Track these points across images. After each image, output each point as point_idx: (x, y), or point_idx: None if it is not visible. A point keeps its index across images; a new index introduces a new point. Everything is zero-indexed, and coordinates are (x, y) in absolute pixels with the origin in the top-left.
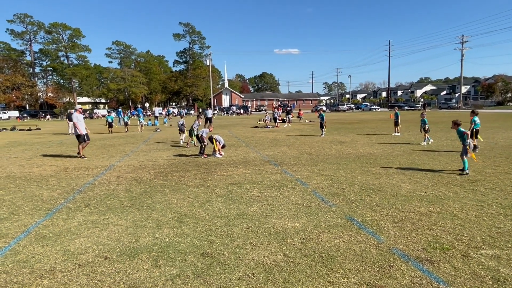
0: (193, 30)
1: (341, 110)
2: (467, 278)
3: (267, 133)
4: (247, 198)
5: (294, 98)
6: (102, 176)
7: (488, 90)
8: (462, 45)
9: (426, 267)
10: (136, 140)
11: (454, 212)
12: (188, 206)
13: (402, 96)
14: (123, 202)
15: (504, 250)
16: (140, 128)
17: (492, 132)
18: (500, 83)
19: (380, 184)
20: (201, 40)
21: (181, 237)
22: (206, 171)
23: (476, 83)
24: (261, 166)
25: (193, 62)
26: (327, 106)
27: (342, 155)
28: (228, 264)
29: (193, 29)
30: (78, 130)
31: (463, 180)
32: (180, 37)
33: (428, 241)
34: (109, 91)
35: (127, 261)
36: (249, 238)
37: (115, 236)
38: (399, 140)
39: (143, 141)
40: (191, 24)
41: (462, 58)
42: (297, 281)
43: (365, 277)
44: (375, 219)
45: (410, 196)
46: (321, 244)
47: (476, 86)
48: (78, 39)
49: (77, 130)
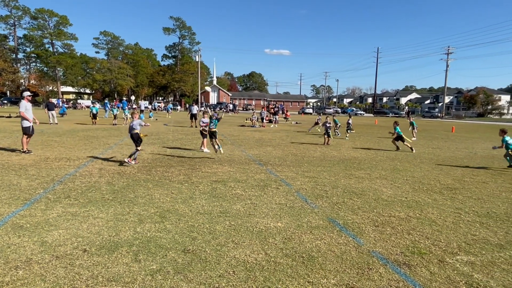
0: (184, 25)
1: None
2: (442, 282)
3: (254, 132)
4: (231, 196)
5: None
6: (83, 168)
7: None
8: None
9: (403, 270)
10: (120, 133)
11: (433, 218)
12: (171, 202)
13: (388, 102)
14: (104, 195)
15: (479, 256)
16: (125, 121)
17: (472, 142)
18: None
19: (363, 188)
20: (191, 36)
21: (162, 232)
22: (190, 168)
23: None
24: (246, 165)
25: (182, 57)
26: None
27: (327, 158)
28: (209, 261)
29: (183, 24)
30: (26, 121)
31: (442, 188)
32: (170, 31)
33: (407, 245)
34: (95, 82)
35: (107, 255)
36: (231, 236)
37: (95, 229)
38: (382, 146)
39: (128, 134)
40: (181, 19)
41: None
42: (278, 280)
43: (344, 278)
44: (356, 222)
45: (391, 201)
46: (303, 245)
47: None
48: (65, 27)
49: (25, 121)
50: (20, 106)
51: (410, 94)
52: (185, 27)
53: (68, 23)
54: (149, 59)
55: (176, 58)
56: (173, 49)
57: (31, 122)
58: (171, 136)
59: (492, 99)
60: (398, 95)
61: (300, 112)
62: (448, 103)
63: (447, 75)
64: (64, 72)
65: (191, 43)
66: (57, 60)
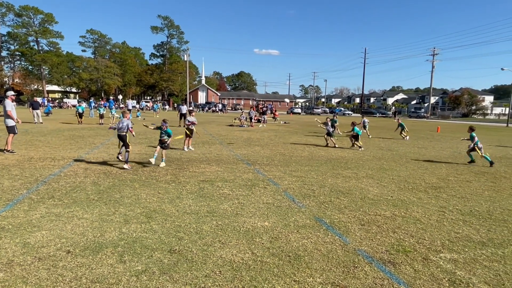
0: (172, 23)
1: (316, 113)
2: (426, 280)
3: (242, 132)
4: (218, 196)
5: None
6: (68, 168)
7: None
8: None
9: (388, 268)
10: (107, 132)
11: (417, 216)
12: (157, 202)
13: (375, 103)
14: (89, 195)
15: (461, 254)
16: (112, 120)
17: (456, 142)
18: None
19: (349, 187)
20: (179, 35)
21: (148, 232)
22: (178, 167)
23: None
24: (234, 164)
25: (170, 57)
26: (302, 109)
27: (314, 158)
28: (195, 261)
29: (171, 23)
30: (11, 120)
31: (427, 187)
32: (158, 30)
33: (392, 243)
34: (81, 81)
35: (91, 256)
36: (218, 235)
37: (80, 229)
38: (369, 145)
39: (115, 134)
40: (170, 18)
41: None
42: (264, 279)
43: (330, 277)
44: (343, 221)
45: (377, 200)
46: (289, 244)
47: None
48: (50, 24)
49: (10, 120)
50: (6, 105)
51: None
52: (173, 26)
53: (54, 20)
54: (136, 58)
55: (164, 57)
56: (161, 48)
57: (15, 122)
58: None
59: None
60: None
61: (288, 112)
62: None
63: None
64: (49, 70)
65: (179, 42)
66: (42, 58)
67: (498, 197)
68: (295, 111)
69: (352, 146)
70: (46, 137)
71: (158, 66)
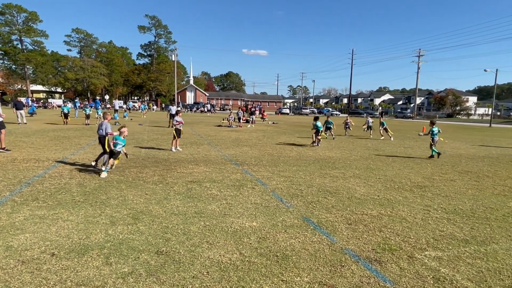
0: (159, 23)
1: (304, 114)
2: (411, 277)
3: (230, 132)
4: (206, 197)
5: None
6: (53, 169)
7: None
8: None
9: (374, 267)
10: (93, 133)
11: (403, 215)
12: (144, 203)
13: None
14: (75, 197)
15: (446, 252)
16: (99, 121)
17: (441, 142)
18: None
19: (337, 186)
20: (167, 34)
21: (135, 234)
22: (165, 168)
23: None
24: (222, 165)
25: (158, 56)
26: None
27: (302, 158)
28: (183, 262)
29: (159, 23)
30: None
31: (412, 186)
32: (145, 29)
33: (378, 242)
34: (66, 81)
35: (76, 258)
36: (206, 236)
37: (64, 232)
38: (356, 145)
39: None
40: (157, 17)
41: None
42: (252, 279)
43: (318, 276)
44: (330, 220)
45: (364, 199)
46: (277, 244)
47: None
48: (35, 23)
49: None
50: None
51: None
52: (161, 25)
53: (38, 19)
54: (123, 58)
55: (152, 57)
56: (148, 48)
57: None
58: (146, 136)
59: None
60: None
61: (277, 112)
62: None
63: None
64: (34, 70)
65: (167, 42)
66: (26, 57)
67: (481, 195)
68: (284, 111)
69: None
70: (30, 138)
71: (145, 66)
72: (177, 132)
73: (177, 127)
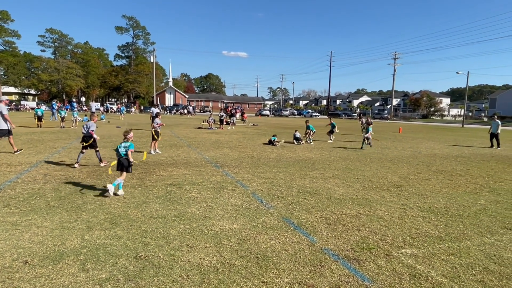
0: (137, 24)
1: (284, 115)
2: (388, 275)
3: (211, 134)
4: (186, 199)
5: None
6: (26, 174)
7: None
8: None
9: (353, 265)
10: (68, 136)
11: (381, 214)
12: (122, 207)
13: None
14: (49, 202)
15: (421, 249)
16: (74, 123)
17: (416, 142)
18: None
19: (316, 187)
20: (145, 36)
21: (113, 239)
22: (144, 171)
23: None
24: (202, 167)
25: (136, 58)
26: (270, 111)
27: (283, 159)
28: (162, 266)
29: (137, 23)
30: (8, 123)
31: (390, 185)
32: (123, 30)
33: (357, 241)
34: (40, 82)
35: (51, 266)
36: (186, 239)
37: (38, 238)
38: (336, 146)
39: (77, 137)
40: (135, 18)
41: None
42: (232, 282)
43: (298, 276)
44: (310, 220)
45: (343, 199)
46: (258, 245)
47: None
48: (6, 22)
49: (8, 123)
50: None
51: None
52: (139, 26)
53: (9, 18)
54: (100, 59)
55: (130, 59)
56: (126, 49)
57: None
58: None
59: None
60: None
61: (257, 114)
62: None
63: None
64: (5, 71)
65: (145, 43)
66: None
67: (454, 193)
68: (264, 113)
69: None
70: (1, 142)
71: (123, 68)
72: (156, 134)
73: (157, 129)
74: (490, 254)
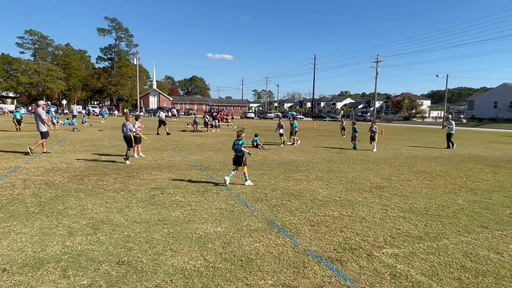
0: (120, 26)
1: (269, 118)
2: (370, 275)
3: (195, 137)
4: (170, 203)
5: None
6: (5, 179)
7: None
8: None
9: (336, 266)
10: (49, 140)
11: (363, 215)
12: (105, 212)
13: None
14: (29, 208)
15: (402, 248)
16: (54, 127)
17: (398, 144)
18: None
19: (300, 189)
20: (128, 38)
21: (95, 244)
22: (127, 175)
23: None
24: (187, 170)
25: (119, 60)
26: (255, 114)
27: (267, 161)
28: (145, 271)
29: (120, 25)
30: (45, 126)
31: (372, 186)
32: (105, 32)
33: (339, 242)
34: (19, 85)
35: (30, 273)
36: (170, 244)
37: (17, 245)
38: (319, 149)
39: (58, 141)
40: (117, 20)
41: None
42: (216, 285)
43: (281, 278)
44: (294, 222)
45: (326, 201)
46: (242, 248)
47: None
48: None
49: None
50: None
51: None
52: (122, 28)
53: None
54: (82, 61)
55: (113, 61)
56: (109, 51)
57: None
58: (107, 142)
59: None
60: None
61: (242, 116)
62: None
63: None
64: None
65: (128, 45)
66: None
67: (434, 194)
68: (249, 115)
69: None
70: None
71: (105, 70)
72: (135, 139)
73: (137, 133)
74: (467, 252)
